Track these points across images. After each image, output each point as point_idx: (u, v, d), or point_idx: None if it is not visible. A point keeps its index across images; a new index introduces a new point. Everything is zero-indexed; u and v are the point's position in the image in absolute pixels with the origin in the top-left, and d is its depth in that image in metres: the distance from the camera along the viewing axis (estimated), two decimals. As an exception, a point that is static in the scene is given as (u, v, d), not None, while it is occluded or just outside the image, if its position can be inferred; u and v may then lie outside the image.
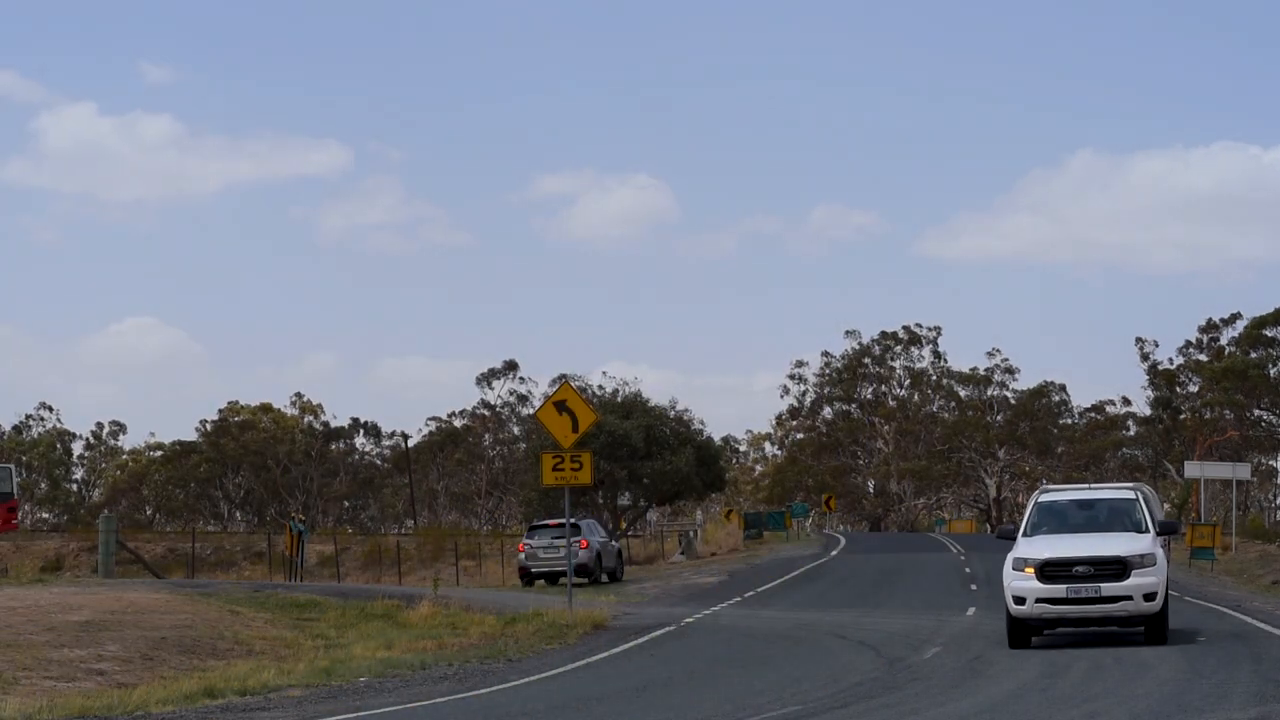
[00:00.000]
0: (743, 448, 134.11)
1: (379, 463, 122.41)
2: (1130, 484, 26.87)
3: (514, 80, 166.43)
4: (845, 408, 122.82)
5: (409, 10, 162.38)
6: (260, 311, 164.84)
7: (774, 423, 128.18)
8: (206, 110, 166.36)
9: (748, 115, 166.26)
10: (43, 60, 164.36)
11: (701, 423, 71.03)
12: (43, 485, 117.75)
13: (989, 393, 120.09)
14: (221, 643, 26.57)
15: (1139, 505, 25.22)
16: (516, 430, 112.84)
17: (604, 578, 49.21)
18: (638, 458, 65.57)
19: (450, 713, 18.30)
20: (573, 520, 38.42)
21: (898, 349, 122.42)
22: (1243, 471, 62.55)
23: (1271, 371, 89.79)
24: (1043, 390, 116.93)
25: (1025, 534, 24.97)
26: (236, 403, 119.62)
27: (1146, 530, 24.61)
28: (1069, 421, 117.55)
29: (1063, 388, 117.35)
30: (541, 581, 49.10)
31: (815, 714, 16.82)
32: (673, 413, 69.11)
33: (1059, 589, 23.55)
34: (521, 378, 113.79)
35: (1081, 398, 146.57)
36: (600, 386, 75.61)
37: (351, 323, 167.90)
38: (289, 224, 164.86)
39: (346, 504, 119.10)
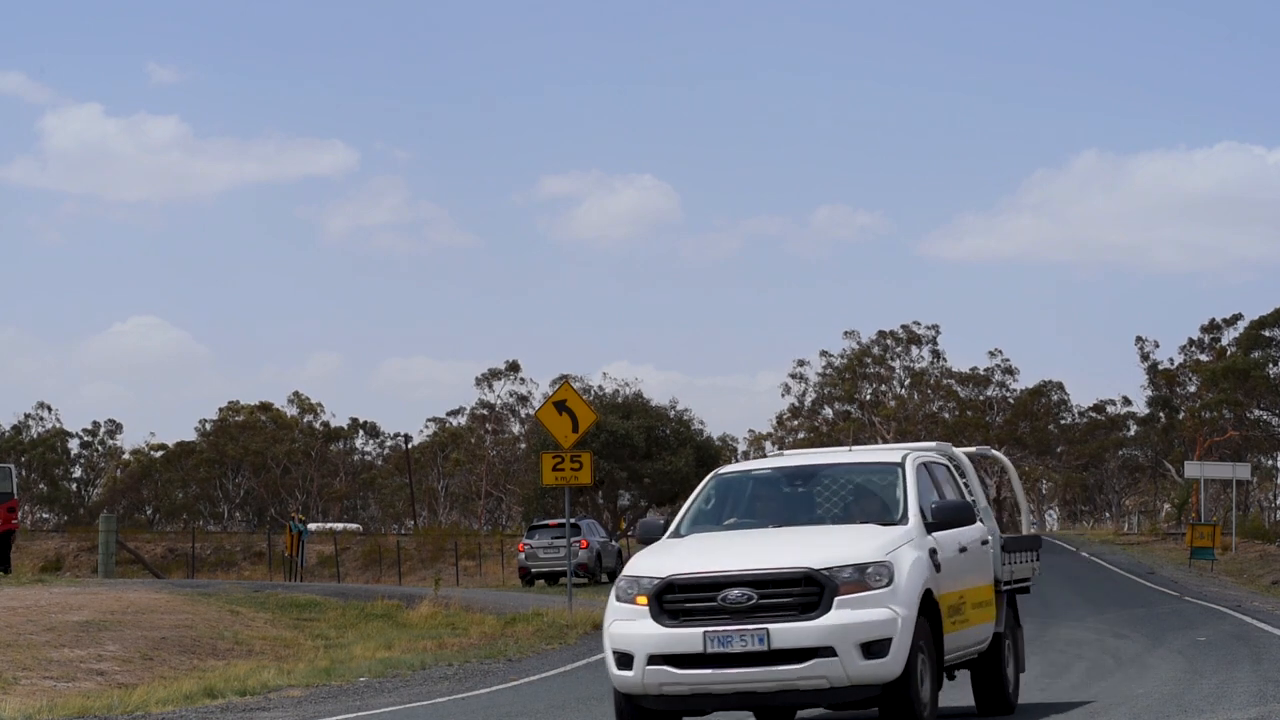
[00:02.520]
0: (742, 447, 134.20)
1: (379, 463, 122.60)
2: (917, 445, 15.33)
3: (519, 81, 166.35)
4: (845, 408, 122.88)
5: (415, 11, 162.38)
6: (264, 312, 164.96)
7: (774, 423, 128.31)
8: (212, 111, 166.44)
9: (752, 116, 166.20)
10: (48, 61, 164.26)
11: (701, 423, 71.20)
12: (42, 486, 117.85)
13: (989, 392, 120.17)
14: (221, 643, 26.57)
15: (900, 479, 14.07)
16: (517, 430, 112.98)
17: (604, 578, 49.27)
18: (638, 458, 65.65)
19: (450, 713, 18.30)
20: (573, 520, 38.45)
21: (897, 349, 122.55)
22: (1243, 471, 62.66)
23: (1271, 371, 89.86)
24: (1042, 390, 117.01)
25: (678, 533, 14.00)
26: (236, 402, 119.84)
27: (903, 520, 13.58)
28: (1069, 421, 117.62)
29: (1062, 387, 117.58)
30: (541, 581, 49.17)
31: (815, 714, 16.81)
32: (673, 413, 69.20)
33: (692, 636, 12.57)
34: (522, 378, 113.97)
35: (1081, 397, 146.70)
36: (600, 387, 75.63)
37: (355, 323, 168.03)
38: (294, 224, 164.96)
39: (345, 503, 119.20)
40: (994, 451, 17.62)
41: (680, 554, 13.25)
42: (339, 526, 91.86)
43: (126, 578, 44.87)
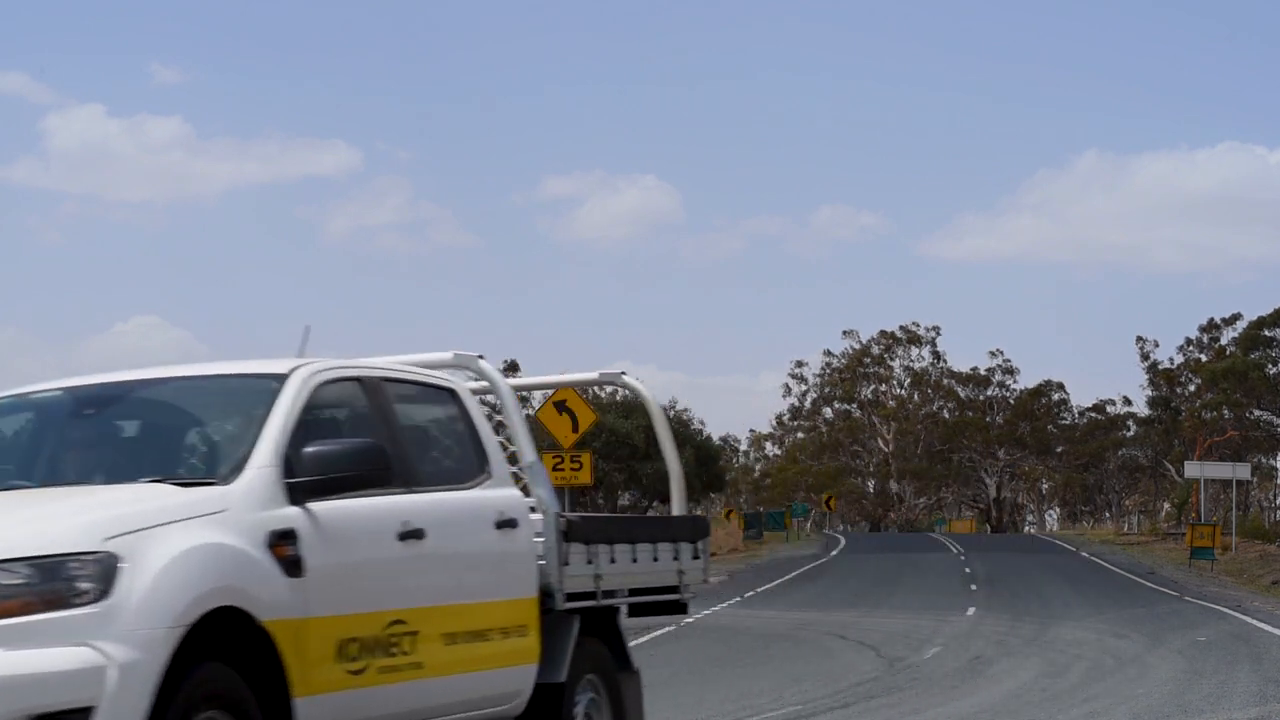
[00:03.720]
0: (743, 447, 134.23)
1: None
2: (396, 358, 9.33)
3: (520, 81, 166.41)
4: (845, 408, 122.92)
5: (415, 11, 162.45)
6: (266, 312, 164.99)
7: (774, 423, 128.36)
8: (214, 112, 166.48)
9: (752, 116, 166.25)
10: (49, 61, 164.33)
11: (702, 422, 71.27)
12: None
13: (989, 393, 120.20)
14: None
15: (268, 408, 7.77)
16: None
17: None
18: (638, 458, 65.63)
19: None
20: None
21: (897, 349, 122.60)
22: (1243, 471, 62.66)
23: (1271, 371, 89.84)
24: (1043, 390, 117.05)
25: None
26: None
27: (234, 474, 7.33)
28: (1069, 421, 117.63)
29: (1062, 387, 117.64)
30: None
31: (815, 714, 16.81)
32: (672, 413, 69.23)
33: None
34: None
35: (1081, 397, 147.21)
36: (601, 387, 75.60)
37: (357, 323, 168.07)
38: (295, 225, 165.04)
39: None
40: (627, 377, 11.61)
41: None
42: None
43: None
